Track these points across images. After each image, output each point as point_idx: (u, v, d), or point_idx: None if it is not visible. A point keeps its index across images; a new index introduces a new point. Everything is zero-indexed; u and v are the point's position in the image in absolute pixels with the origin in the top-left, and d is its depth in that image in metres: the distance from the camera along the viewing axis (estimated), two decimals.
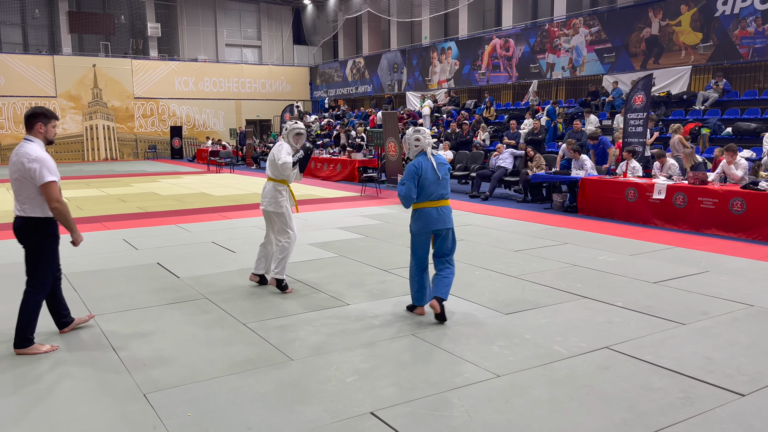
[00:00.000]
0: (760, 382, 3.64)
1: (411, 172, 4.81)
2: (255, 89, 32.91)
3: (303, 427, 3.15)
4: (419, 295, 4.97)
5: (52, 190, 3.99)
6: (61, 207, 4.02)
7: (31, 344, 4.14)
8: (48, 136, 4.17)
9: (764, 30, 14.51)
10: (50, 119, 4.15)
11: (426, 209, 4.83)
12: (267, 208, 5.72)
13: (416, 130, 4.95)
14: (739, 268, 6.52)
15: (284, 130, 5.86)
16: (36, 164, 3.96)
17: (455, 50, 24.22)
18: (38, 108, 4.17)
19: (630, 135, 11.89)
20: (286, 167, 5.63)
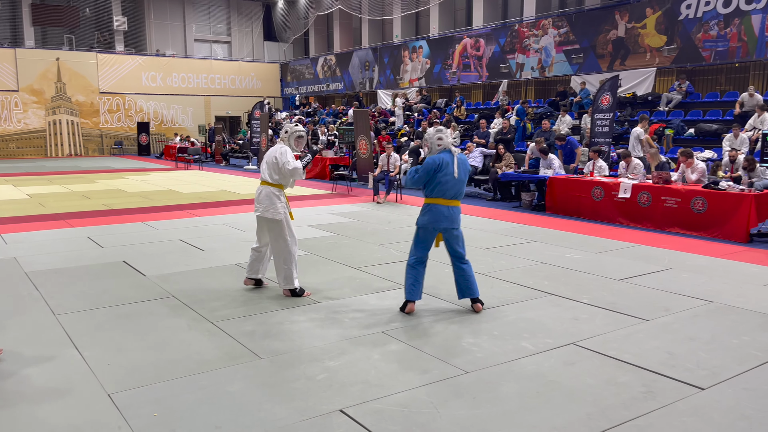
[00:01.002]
0: (719, 376, 3.75)
1: (429, 166, 4.81)
2: (224, 85, 32.54)
3: (272, 425, 3.14)
4: (413, 290, 4.95)
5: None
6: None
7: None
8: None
9: (726, 34, 14.91)
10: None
11: (437, 206, 4.86)
12: (264, 215, 5.40)
13: (438, 129, 4.95)
14: (699, 265, 6.69)
15: (284, 133, 5.59)
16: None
17: (426, 49, 24.31)
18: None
19: (597, 135, 12.11)
20: (297, 172, 5.35)
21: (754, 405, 3.36)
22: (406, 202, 11.92)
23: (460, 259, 5.02)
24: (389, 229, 8.95)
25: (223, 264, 6.72)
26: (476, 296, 5.02)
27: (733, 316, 4.90)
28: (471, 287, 5.00)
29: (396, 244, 7.82)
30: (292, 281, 5.41)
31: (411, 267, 4.99)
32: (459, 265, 5.03)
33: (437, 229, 4.91)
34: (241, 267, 6.57)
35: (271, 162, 5.44)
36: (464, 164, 4.95)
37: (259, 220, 5.53)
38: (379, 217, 10.11)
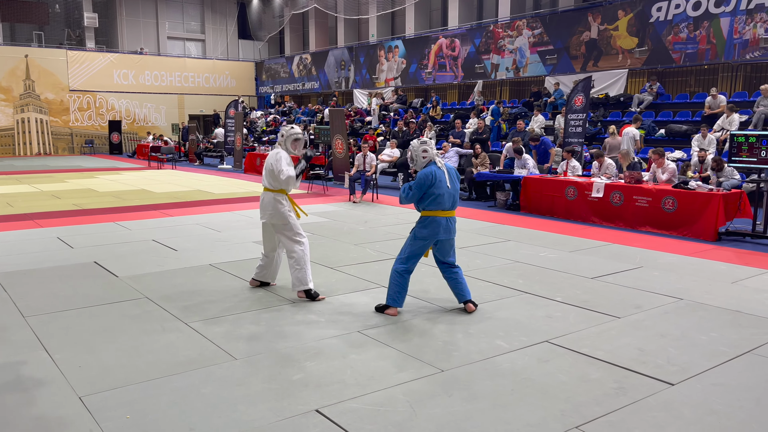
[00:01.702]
0: (688, 371, 3.83)
1: (423, 182, 4.80)
2: (198, 84, 32.20)
3: (247, 426, 3.12)
4: (399, 297, 4.94)
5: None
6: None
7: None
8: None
9: (695, 36, 15.22)
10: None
11: (437, 218, 4.85)
12: (269, 221, 5.35)
13: (422, 141, 4.94)
14: (670, 263, 6.82)
15: (280, 136, 5.45)
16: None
17: (402, 49, 24.36)
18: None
19: (570, 135, 12.26)
20: (290, 181, 5.24)
21: (723, 400, 3.44)
22: (382, 202, 11.93)
23: (450, 265, 5.06)
24: (365, 228, 8.95)
25: (197, 264, 6.65)
26: (469, 298, 5.06)
27: (702, 313, 5.00)
28: (463, 291, 5.04)
29: (372, 243, 7.82)
30: (306, 283, 5.29)
31: (399, 275, 4.95)
32: (451, 271, 5.05)
33: (435, 240, 4.92)
34: (216, 267, 6.52)
35: (269, 168, 5.33)
36: (453, 173, 4.97)
37: (265, 226, 5.48)
38: (356, 216, 10.10)
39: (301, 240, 5.33)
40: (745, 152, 8.18)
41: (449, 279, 5.09)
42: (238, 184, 15.45)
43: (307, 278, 5.30)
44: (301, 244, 5.32)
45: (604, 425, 3.14)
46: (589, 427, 3.11)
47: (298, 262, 5.30)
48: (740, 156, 8.26)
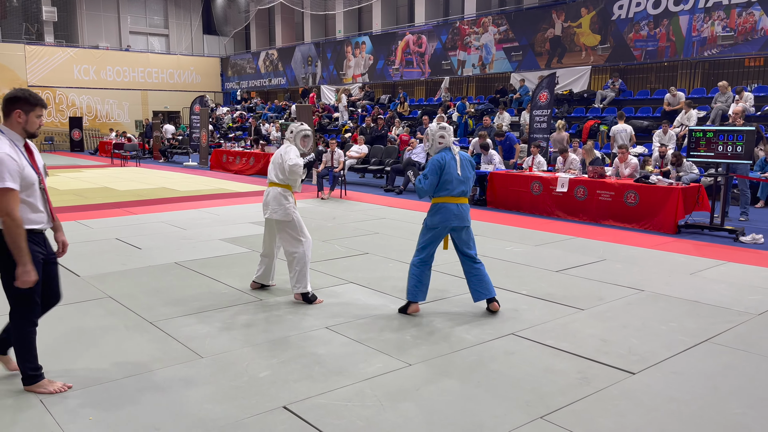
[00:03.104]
0: (649, 360, 3.93)
1: (435, 167, 4.70)
2: (162, 79, 31.63)
3: (214, 424, 3.09)
4: (416, 291, 4.82)
5: (3, 199, 3.09)
6: (10, 223, 3.10)
7: (39, 380, 3.43)
8: (29, 128, 3.30)
9: (656, 34, 15.57)
10: (34, 107, 3.28)
11: (446, 204, 4.73)
12: (272, 217, 5.16)
13: (441, 126, 4.84)
14: (632, 255, 6.98)
15: (289, 133, 5.32)
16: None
17: (369, 45, 24.34)
18: (20, 91, 3.29)
19: (535, 131, 12.42)
20: (297, 169, 5.08)
21: (681, 388, 3.54)
22: (350, 198, 11.92)
23: (472, 259, 4.89)
24: (334, 225, 8.93)
25: (162, 263, 6.55)
26: (493, 296, 4.89)
27: (662, 304, 5.14)
28: (488, 288, 4.87)
29: (341, 239, 7.82)
30: (304, 285, 5.13)
31: (415, 267, 4.84)
32: (472, 266, 4.88)
33: (448, 228, 4.79)
34: (181, 265, 6.43)
35: (277, 161, 5.20)
36: (466, 161, 4.85)
37: (268, 222, 5.31)
38: (324, 213, 10.08)
39: (303, 240, 5.15)
40: (703, 147, 8.41)
41: (470, 275, 4.89)
42: (204, 181, 15.25)
43: (306, 280, 5.14)
44: (303, 244, 5.13)
45: (567, 414, 3.21)
46: (553, 417, 3.18)
47: (299, 262, 5.12)
48: (698, 151, 8.49)
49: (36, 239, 3.34)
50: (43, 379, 3.44)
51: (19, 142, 3.28)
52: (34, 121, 3.31)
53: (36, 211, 3.31)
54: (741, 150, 8.05)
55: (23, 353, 3.38)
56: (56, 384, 3.45)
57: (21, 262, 3.16)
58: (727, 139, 8.18)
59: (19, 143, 3.29)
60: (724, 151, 8.21)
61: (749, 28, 13.98)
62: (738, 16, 14.12)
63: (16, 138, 3.27)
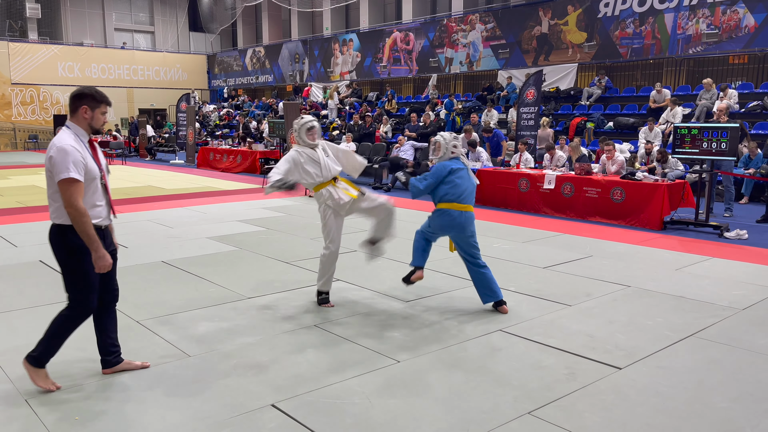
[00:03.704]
0: (635, 355, 3.97)
1: (439, 172, 4.73)
2: (148, 77, 31.39)
3: (201, 423, 3.08)
4: (417, 256, 4.90)
5: (68, 189, 3.13)
6: (75, 213, 3.14)
7: (40, 367, 3.40)
8: (94, 124, 3.39)
9: (641, 31, 15.68)
10: (99, 104, 3.38)
11: (450, 211, 4.74)
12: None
13: (455, 137, 4.88)
14: (618, 252, 7.04)
15: (294, 132, 4.98)
16: (57, 155, 3.16)
17: (357, 42, 24.30)
18: (87, 89, 3.38)
19: (523, 128, 12.47)
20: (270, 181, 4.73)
21: (667, 382, 3.58)
22: None
23: (474, 263, 4.86)
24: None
25: (148, 261, 6.51)
26: (500, 299, 4.84)
27: (648, 300, 5.18)
28: (493, 291, 4.83)
29: None
30: (324, 284, 4.97)
31: (420, 233, 4.92)
32: (474, 269, 4.87)
33: (445, 234, 4.86)
34: (168, 264, 6.39)
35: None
36: (467, 171, 4.90)
37: None
38: (311, 210, 10.05)
39: (327, 245, 4.90)
40: (688, 144, 8.48)
41: (474, 279, 4.90)
42: (190, 179, 15.16)
43: (325, 281, 4.96)
44: (327, 248, 4.90)
45: (554, 410, 3.23)
46: (540, 413, 3.20)
47: (320, 263, 4.96)
48: (683, 148, 8.56)
49: (98, 235, 3.34)
50: (43, 370, 3.42)
51: (84, 137, 3.37)
52: (99, 117, 3.40)
53: (96, 206, 3.35)
54: (725, 146, 8.13)
55: (51, 340, 3.40)
56: (50, 381, 3.43)
57: (93, 248, 3.24)
58: (711, 135, 8.25)
59: (84, 138, 3.36)
60: (708, 147, 8.29)
61: (733, 25, 14.12)
62: (722, 13, 14.25)
63: (81, 133, 3.36)
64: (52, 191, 3.27)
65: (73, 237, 3.27)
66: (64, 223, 3.27)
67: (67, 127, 3.36)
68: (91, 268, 3.31)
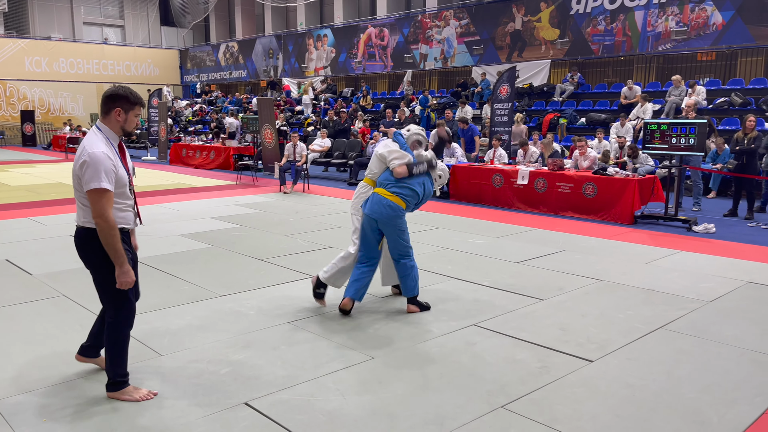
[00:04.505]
0: (606, 348, 4.02)
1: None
2: (119, 72, 30.85)
3: (173, 423, 3.04)
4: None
5: (99, 200, 3.01)
6: (104, 225, 3.02)
7: (124, 387, 3.30)
8: (127, 127, 3.24)
9: (612, 28, 15.89)
10: (134, 106, 3.22)
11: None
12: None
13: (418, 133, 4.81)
14: (590, 246, 7.13)
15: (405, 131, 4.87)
16: (88, 162, 3.01)
17: (331, 38, 24.19)
18: (121, 89, 3.20)
19: (496, 124, 12.55)
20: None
21: (637, 374, 3.64)
22: (313, 192, 11.85)
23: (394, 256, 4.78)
24: (296, 219, 8.87)
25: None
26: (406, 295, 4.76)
27: (619, 293, 5.26)
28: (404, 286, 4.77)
29: (303, 234, 7.76)
30: (328, 278, 4.79)
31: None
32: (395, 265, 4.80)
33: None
34: (140, 262, 6.28)
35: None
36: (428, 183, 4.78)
37: None
38: (286, 207, 10.00)
39: (355, 243, 4.82)
40: (658, 139, 8.63)
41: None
42: (163, 175, 14.95)
43: (327, 273, 4.81)
44: (352, 245, 4.83)
45: (527, 403, 3.26)
46: (513, 406, 3.22)
47: (340, 259, 4.83)
48: (653, 143, 8.70)
49: (123, 238, 3.26)
50: (129, 386, 3.31)
51: (114, 141, 3.22)
52: (132, 120, 3.25)
53: (125, 211, 3.27)
54: (694, 142, 8.28)
55: (115, 357, 3.27)
56: (142, 391, 3.31)
57: (118, 263, 3.12)
58: (680, 131, 8.40)
59: (115, 142, 3.22)
60: (677, 143, 8.44)
61: (701, 23, 14.39)
62: (691, 11, 14.51)
63: (112, 137, 3.21)
64: (81, 195, 3.14)
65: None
66: (94, 227, 3.13)
67: (97, 128, 3.20)
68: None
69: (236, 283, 5.54)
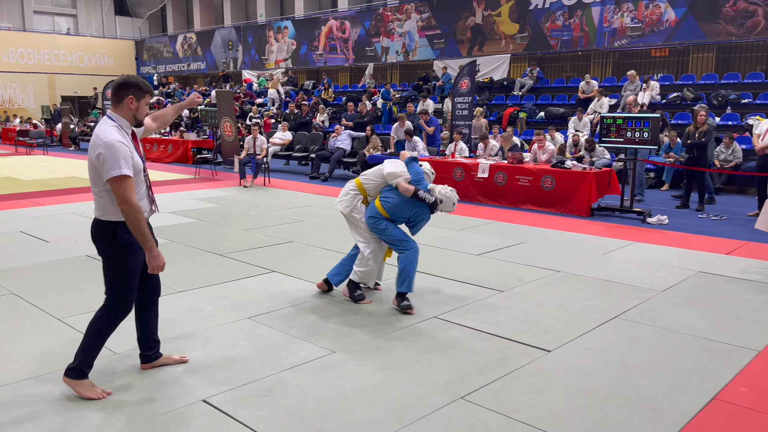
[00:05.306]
0: (563, 338, 4.10)
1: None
2: (71, 62, 29.89)
3: (129, 420, 2.97)
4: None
5: (122, 186, 3.01)
6: (130, 210, 3.02)
7: (83, 378, 3.23)
8: (139, 115, 3.24)
9: (570, 24, 16.14)
10: (145, 94, 3.21)
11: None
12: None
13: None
14: (549, 238, 7.25)
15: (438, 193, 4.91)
16: (106, 151, 3.01)
17: (292, 30, 23.94)
18: (132, 77, 3.20)
19: (457, 118, 12.63)
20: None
21: (592, 362, 3.71)
22: (274, 186, 11.73)
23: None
24: (257, 213, 8.76)
25: (72, 256, 6.22)
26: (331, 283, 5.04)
27: (576, 284, 5.36)
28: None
29: (264, 228, 7.68)
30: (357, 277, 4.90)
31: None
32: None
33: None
34: (93, 258, 6.12)
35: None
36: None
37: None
38: (246, 201, 9.87)
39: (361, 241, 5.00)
40: (614, 133, 8.81)
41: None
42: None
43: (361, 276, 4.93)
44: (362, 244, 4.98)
45: (486, 394, 3.29)
46: (473, 397, 3.25)
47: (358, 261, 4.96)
48: (609, 137, 8.89)
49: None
50: (87, 380, 3.25)
51: (127, 129, 3.20)
52: (144, 108, 3.25)
53: (141, 199, 3.22)
54: (647, 136, 8.49)
55: (91, 346, 3.23)
56: (97, 389, 3.25)
57: (147, 248, 3.12)
58: (635, 125, 8.61)
59: (128, 130, 3.21)
60: (632, 137, 8.64)
61: (655, 19, 14.74)
62: (645, 8, 14.85)
63: (125, 125, 3.19)
64: (99, 189, 3.13)
65: (123, 233, 3.17)
66: (112, 220, 3.15)
67: (109, 117, 3.18)
68: (136, 264, 3.24)
69: (194, 279, 5.44)
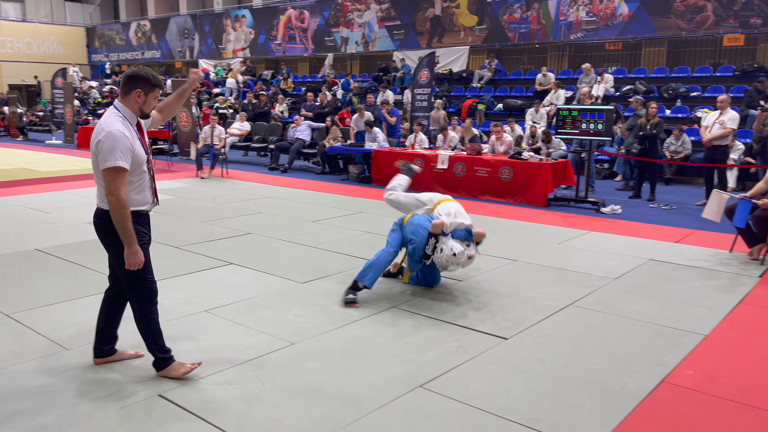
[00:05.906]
0: (520, 326, 4.18)
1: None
2: (18, 50, 28.76)
3: (82, 417, 2.90)
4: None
5: (114, 178, 3.00)
6: (116, 203, 3.00)
7: (170, 363, 3.34)
8: (146, 108, 3.23)
9: (528, 17, 16.35)
10: (154, 88, 3.19)
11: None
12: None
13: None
14: (507, 228, 7.36)
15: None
16: (104, 140, 3.00)
17: (250, 19, 23.57)
18: (142, 70, 3.17)
19: (417, 109, 12.67)
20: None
21: (548, 349, 3.80)
22: (232, 177, 11.56)
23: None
24: (214, 205, 8.63)
25: (19, 250, 6.01)
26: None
27: (532, 272, 5.47)
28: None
29: (222, 220, 7.57)
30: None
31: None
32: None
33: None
34: (43, 252, 5.93)
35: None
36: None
37: None
38: (204, 192, 9.70)
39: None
40: (569, 125, 8.99)
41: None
42: (69, 160, 14.13)
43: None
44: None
45: (445, 381, 3.33)
46: (431, 385, 3.29)
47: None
48: (565, 128, 9.06)
49: (141, 221, 3.30)
50: (174, 362, 3.34)
51: (132, 120, 3.20)
52: (151, 102, 3.25)
53: (142, 192, 3.24)
54: (602, 128, 8.69)
55: (149, 335, 3.30)
56: (186, 365, 3.34)
57: (127, 243, 3.10)
58: (590, 117, 8.79)
59: (133, 121, 3.20)
60: (587, 128, 8.82)
61: (609, 14, 15.06)
62: (600, 2, 15.14)
63: (130, 116, 3.19)
64: (100, 177, 3.10)
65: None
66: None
67: (115, 108, 3.17)
68: (144, 249, 3.24)
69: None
